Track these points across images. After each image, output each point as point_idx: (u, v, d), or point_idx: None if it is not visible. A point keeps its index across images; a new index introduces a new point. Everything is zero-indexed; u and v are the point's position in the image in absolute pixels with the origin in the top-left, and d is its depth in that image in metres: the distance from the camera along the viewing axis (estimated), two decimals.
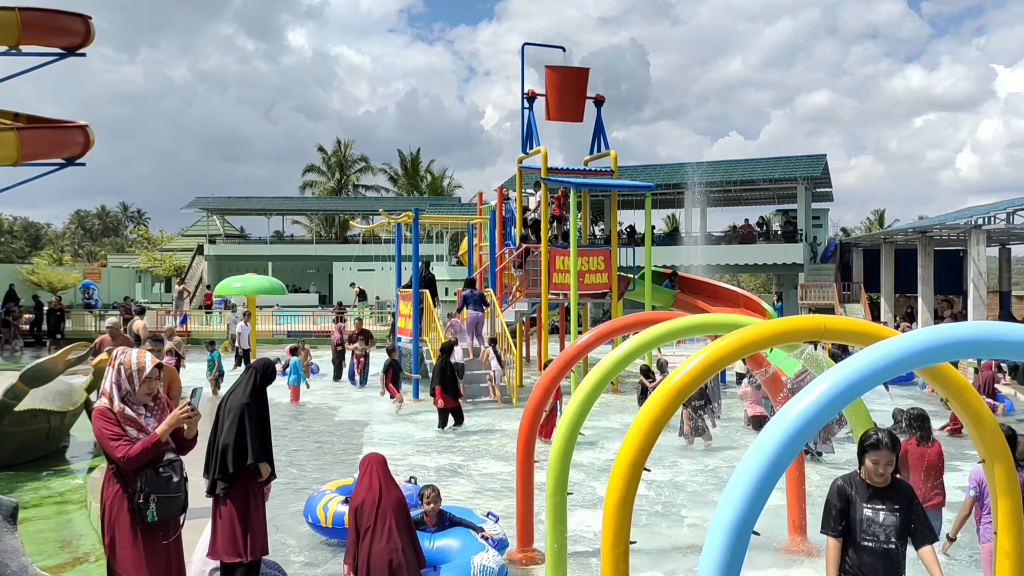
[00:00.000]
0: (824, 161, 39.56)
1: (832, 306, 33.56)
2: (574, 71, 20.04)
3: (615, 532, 4.90)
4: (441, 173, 67.48)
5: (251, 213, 54.82)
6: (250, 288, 25.66)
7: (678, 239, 40.83)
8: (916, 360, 3.81)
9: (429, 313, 18.14)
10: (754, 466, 3.57)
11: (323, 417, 15.66)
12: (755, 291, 48.65)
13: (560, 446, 6.55)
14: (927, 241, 28.79)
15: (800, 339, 5.24)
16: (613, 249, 19.47)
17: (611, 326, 7.88)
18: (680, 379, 5.07)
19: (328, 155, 65.44)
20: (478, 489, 10.24)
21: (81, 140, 27.35)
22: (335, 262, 48.62)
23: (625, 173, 32.65)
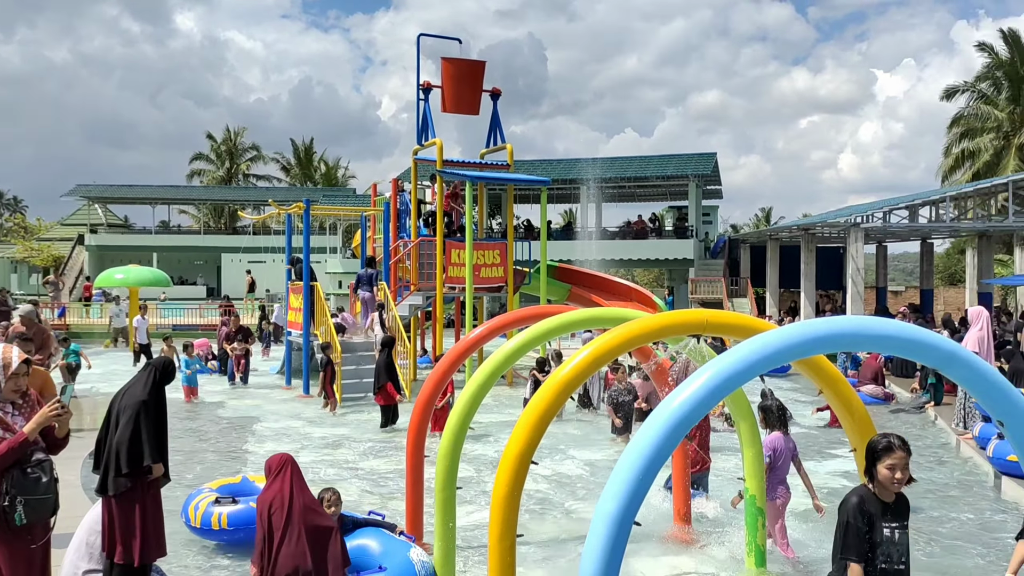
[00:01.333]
0: (714, 159, 40.66)
1: (721, 300, 34.55)
2: (470, 64, 19.97)
3: (502, 525, 4.89)
4: (335, 163, 66.41)
5: (135, 202, 52.71)
6: (132, 280, 24.73)
7: (574, 234, 41.30)
8: (792, 353, 3.91)
9: (320, 306, 17.78)
10: (635, 458, 3.60)
11: (208, 414, 15.18)
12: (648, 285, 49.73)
13: (450, 440, 6.50)
14: (810, 238, 29.92)
15: (684, 332, 5.33)
16: (509, 243, 19.52)
17: (504, 319, 7.88)
18: (567, 373, 5.10)
19: (217, 143, 63.46)
20: (373, 486, 10.11)
21: None
22: (224, 253, 47.20)
23: (522, 167, 32.78)
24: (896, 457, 4.21)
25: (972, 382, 3.96)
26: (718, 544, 7.72)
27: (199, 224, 56.88)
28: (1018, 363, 14.18)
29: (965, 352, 4.04)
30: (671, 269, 43.31)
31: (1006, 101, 41.27)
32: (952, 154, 43.02)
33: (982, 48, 42.19)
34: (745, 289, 36.81)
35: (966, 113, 42.45)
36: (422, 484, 7.61)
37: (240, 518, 7.39)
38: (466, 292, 18.11)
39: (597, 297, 20.84)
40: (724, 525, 8.22)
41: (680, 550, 7.62)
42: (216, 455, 11.70)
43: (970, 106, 42.35)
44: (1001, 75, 41.46)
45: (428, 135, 19.39)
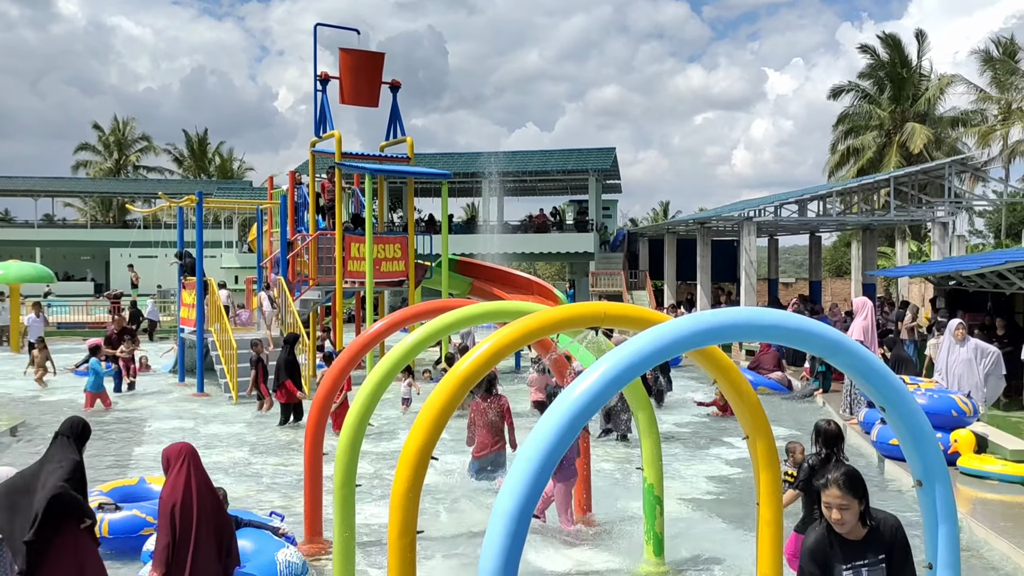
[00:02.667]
0: (613, 154, 41.29)
1: (620, 293, 35.12)
2: (369, 55, 19.71)
3: (402, 522, 4.83)
4: (230, 155, 64.68)
5: (16, 194, 50.17)
6: (12, 276, 23.52)
7: (476, 227, 41.30)
8: (685, 344, 3.97)
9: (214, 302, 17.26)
10: (534, 452, 3.59)
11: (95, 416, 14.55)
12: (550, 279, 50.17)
13: (348, 437, 6.39)
14: (705, 232, 30.69)
15: (583, 325, 5.37)
16: (410, 236, 19.37)
17: (404, 314, 7.80)
18: (467, 367, 5.06)
19: (105, 133, 60.96)
20: (270, 484, 9.87)
21: None
22: (112, 248, 45.42)
23: (423, 160, 32.56)
24: (830, 495, 3.80)
25: (857, 370, 4.10)
26: (617, 535, 7.83)
27: (86, 218, 54.56)
28: (899, 351, 14.87)
29: (848, 341, 4.19)
30: (572, 262, 43.80)
31: (888, 100, 43.24)
32: (838, 151, 44.85)
33: (864, 50, 44.09)
34: (644, 282, 37.51)
35: (851, 112, 44.33)
36: (321, 482, 7.48)
37: (122, 526, 7.12)
38: (366, 286, 17.88)
39: (499, 291, 20.89)
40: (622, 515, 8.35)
41: (579, 542, 7.69)
42: (106, 459, 11.20)
43: (855, 105, 44.24)
44: (883, 76, 43.43)
45: (326, 127, 19.05)
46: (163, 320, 31.35)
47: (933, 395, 10.58)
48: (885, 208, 27.44)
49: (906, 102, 42.58)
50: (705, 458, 11.38)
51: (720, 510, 8.83)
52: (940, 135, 41.70)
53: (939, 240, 25.86)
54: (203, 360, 16.99)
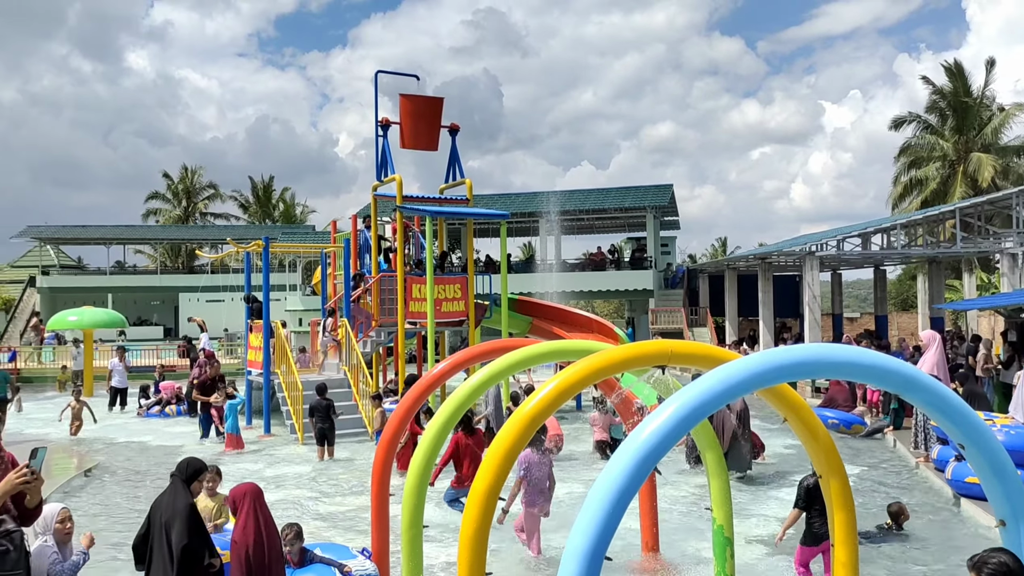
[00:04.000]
0: (671, 191, 41.18)
1: (681, 330, 34.81)
2: (428, 100, 20.07)
3: (471, 562, 4.83)
4: (293, 200, 66.09)
5: (89, 242, 51.92)
6: (87, 322, 24.26)
7: (533, 266, 41.44)
8: (756, 382, 3.94)
9: (281, 345, 17.58)
10: (605, 491, 3.58)
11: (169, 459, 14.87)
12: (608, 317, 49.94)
13: (415, 478, 6.43)
14: (766, 267, 30.32)
15: (649, 363, 5.34)
16: (470, 277, 19.50)
17: (467, 354, 7.83)
18: (533, 407, 5.07)
19: (174, 182, 62.88)
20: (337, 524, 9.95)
21: None
22: (181, 293, 46.60)
23: (480, 201, 32.92)
24: None
25: (934, 406, 4.02)
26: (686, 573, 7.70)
27: (156, 264, 56.15)
28: (972, 386, 14.42)
29: (925, 377, 4.11)
30: (631, 300, 43.58)
31: (951, 131, 42.44)
32: (901, 183, 44.06)
33: (927, 81, 43.45)
34: (704, 318, 37.14)
35: (913, 143, 43.57)
36: (387, 523, 7.52)
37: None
38: (428, 327, 18.03)
39: (559, 329, 20.89)
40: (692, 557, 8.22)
41: None
42: None
43: (917, 136, 43.49)
44: (945, 106, 42.68)
45: (387, 171, 19.39)
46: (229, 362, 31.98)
47: (1010, 431, 10.25)
48: (951, 240, 26.81)
49: (970, 131, 41.75)
50: (774, 498, 11.16)
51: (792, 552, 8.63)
52: (1007, 164, 40.74)
53: (1008, 271, 25.11)
54: (269, 402, 17.26)
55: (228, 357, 34.16)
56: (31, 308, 47.12)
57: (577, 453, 14.36)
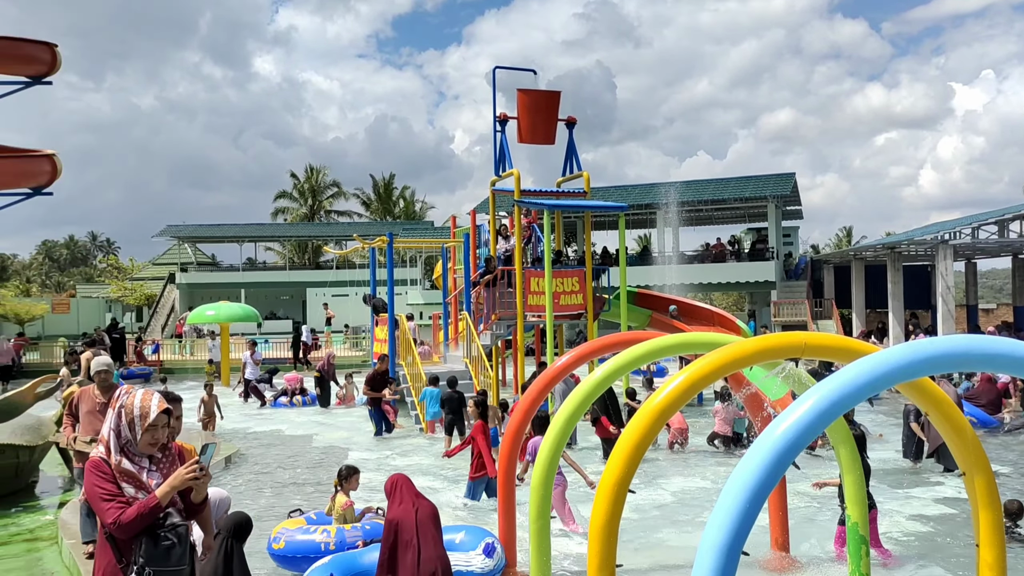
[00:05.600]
0: (793, 180, 40.03)
1: (805, 323, 33.83)
2: (546, 94, 20.14)
3: (601, 555, 4.85)
4: (412, 197, 67.54)
5: (223, 240, 54.42)
6: (223, 316, 25.48)
7: (650, 259, 41.03)
8: (900, 375, 3.82)
9: (405, 338, 18.02)
10: (742, 486, 3.55)
11: (300, 445, 15.47)
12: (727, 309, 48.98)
13: (543, 469, 6.49)
14: (896, 257, 29.14)
15: (781, 356, 5.24)
16: (588, 270, 19.49)
17: (590, 347, 7.86)
18: (662, 399, 5.05)
19: (300, 181, 65.24)
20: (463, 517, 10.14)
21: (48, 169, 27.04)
22: (308, 288, 48.35)
23: (596, 194, 32.80)
24: None
25: None
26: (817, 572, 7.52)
27: (284, 260, 58.37)
28: None
29: None
30: (751, 292, 42.65)
31: None
32: None
33: None
34: (830, 311, 35.98)
35: None
36: (514, 513, 7.62)
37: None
38: (547, 320, 18.12)
39: (679, 322, 20.62)
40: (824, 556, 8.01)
41: None
42: (308, 486, 11.91)
43: None
44: None
45: (505, 166, 19.58)
46: (353, 355, 33.03)
47: None
48: None
49: None
50: (906, 497, 10.74)
51: (927, 551, 8.32)
52: None
53: None
54: None
55: (352, 350, 35.26)
56: (171, 304, 49.75)
57: (698, 447, 14.19)
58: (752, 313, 40.94)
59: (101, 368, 8.09)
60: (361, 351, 34.05)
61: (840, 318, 35.58)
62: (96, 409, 7.93)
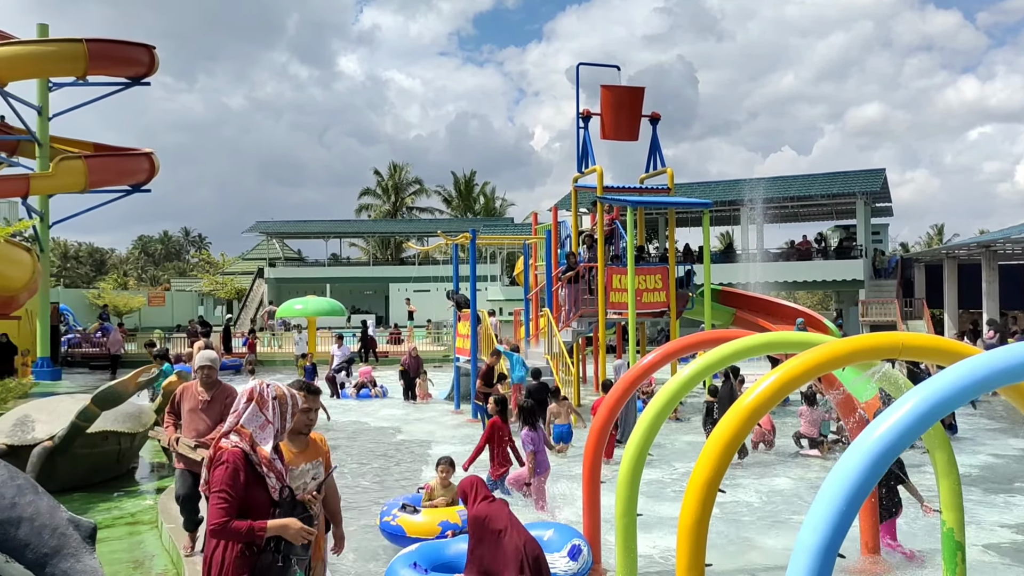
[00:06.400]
0: (883, 175, 38.94)
1: (894, 323, 32.89)
2: (629, 90, 20.02)
3: (690, 554, 4.85)
4: (492, 194, 67.98)
5: (309, 236, 55.71)
6: (311, 310, 26.11)
7: (733, 256, 40.43)
8: (1005, 378, 3.72)
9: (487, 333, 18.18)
10: (839, 488, 3.51)
11: (388, 438, 15.76)
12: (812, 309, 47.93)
13: (629, 467, 6.50)
14: (991, 255, 28.09)
15: (878, 357, 5.14)
16: (671, 267, 19.32)
17: (678, 345, 7.81)
18: (754, 399, 5.01)
19: (384, 179, 66.29)
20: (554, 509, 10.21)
21: (147, 167, 28.33)
22: (391, 283, 49.13)
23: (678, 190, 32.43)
24: None
25: None
26: None
27: (368, 256, 59.42)
28: None
29: None
30: (838, 291, 41.66)
31: None
32: None
33: None
34: (920, 310, 34.89)
35: None
36: (599, 509, 7.64)
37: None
38: (629, 317, 18.05)
39: (764, 321, 20.30)
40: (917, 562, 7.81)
41: None
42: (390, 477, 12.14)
43: None
44: None
45: (588, 162, 19.55)
46: (434, 349, 33.43)
47: None
48: None
49: None
50: (1008, 503, 10.37)
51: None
52: None
53: None
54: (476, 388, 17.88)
55: (434, 344, 35.68)
56: (259, 297, 51.16)
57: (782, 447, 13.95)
58: (839, 312, 39.97)
59: (205, 363, 7.56)
60: (442, 346, 34.46)
61: (931, 318, 34.48)
62: (199, 407, 7.50)
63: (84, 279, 71.69)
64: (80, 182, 25.71)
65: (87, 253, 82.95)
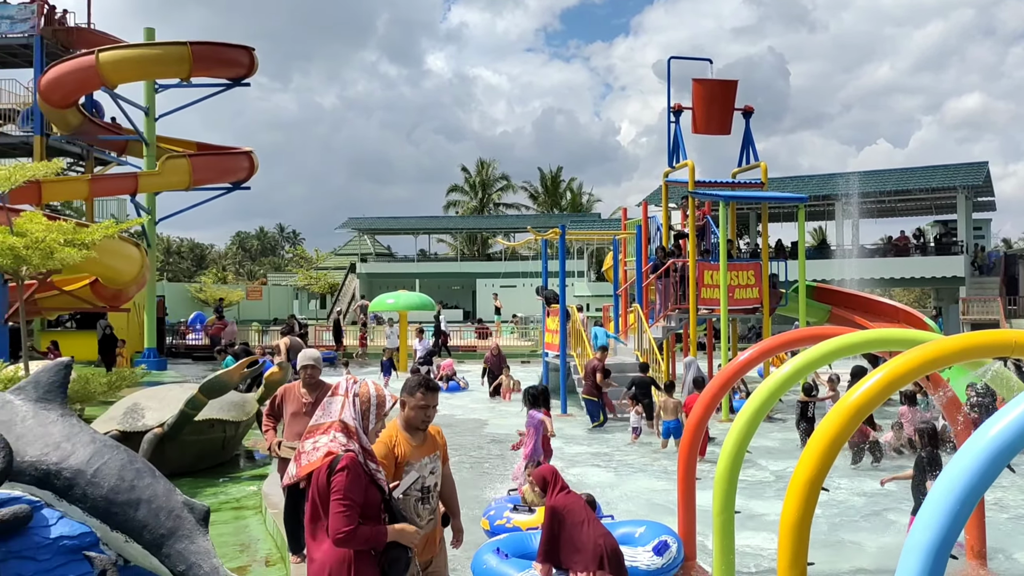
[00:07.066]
0: (986, 169, 37.46)
1: (997, 321, 31.63)
2: (722, 83, 19.75)
3: (792, 552, 4.82)
4: (580, 190, 67.88)
5: (399, 232, 56.63)
6: (402, 304, 26.60)
7: (827, 252, 39.49)
8: None
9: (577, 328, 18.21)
10: (952, 486, 3.46)
11: (473, 431, 15.96)
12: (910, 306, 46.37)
13: (727, 463, 6.47)
14: None
15: (989, 355, 5.01)
16: (764, 263, 18.99)
17: (776, 341, 7.73)
18: (859, 397, 4.95)
19: (471, 175, 66.88)
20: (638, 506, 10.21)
21: (246, 165, 29.29)
22: (478, 279, 49.58)
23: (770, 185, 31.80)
24: None
25: None
26: None
27: (455, 252, 60.09)
28: None
29: None
30: (937, 288, 40.28)
31: None
32: None
33: None
34: None
35: None
36: (694, 505, 7.62)
37: None
38: (721, 314, 17.83)
39: (860, 319, 19.78)
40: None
41: None
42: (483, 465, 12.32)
43: None
44: None
45: (679, 157, 19.39)
46: (521, 344, 33.63)
47: None
48: None
49: None
50: None
51: None
52: None
53: None
54: (565, 383, 17.96)
55: (520, 340, 35.88)
56: (351, 292, 52.29)
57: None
58: (938, 311, 38.64)
59: (308, 362, 7.07)
60: (529, 341, 34.62)
61: None
62: (302, 411, 6.95)
63: (185, 273, 74.41)
64: (185, 180, 26.77)
65: (188, 248, 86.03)
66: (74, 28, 29.34)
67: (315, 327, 36.37)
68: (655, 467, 12.41)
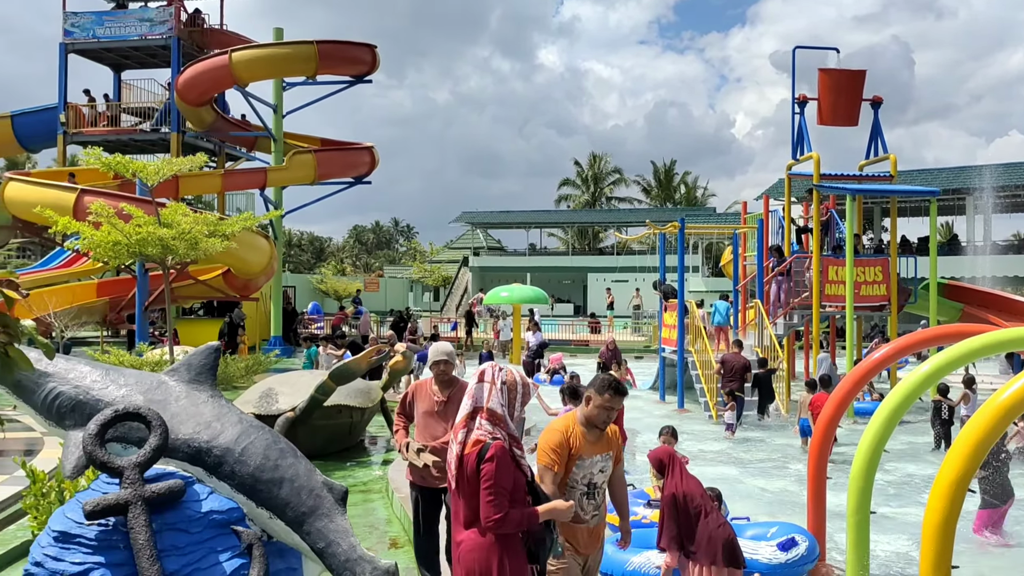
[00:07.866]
0: None
1: None
2: (850, 73, 19.14)
3: (936, 554, 4.69)
4: (694, 183, 66.83)
5: (511, 226, 57.04)
6: (516, 297, 26.85)
7: (957, 248, 37.76)
8: None
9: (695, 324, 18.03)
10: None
11: None
12: None
13: (863, 462, 6.32)
14: None
15: None
16: (892, 259, 18.33)
17: (913, 339, 7.49)
18: (1010, 396, 4.77)
19: (583, 169, 66.75)
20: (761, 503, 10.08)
21: (368, 160, 30.16)
22: (589, 273, 49.48)
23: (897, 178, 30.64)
24: None
25: None
26: None
27: (566, 246, 60.16)
28: None
29: None
30: None
31: None
32: None
33: None
34: None
35: None
36: (824, 503, 7.47)
37: None
38: (846, 311, 17.32)
39: (995, 318, 18.92)
40: None
41: None
42: None
43: None
44: None
45: (804, 149, 18.90)
46: (635, 339, 33.45)
47: None
48: None
49: None
50: None
51: None
52: None
53: None
54: (683, 378, 17.80)
55: (634, 335, 35.68)
56: (464, 285, 53.05)
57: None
58: None
59: (440, 357, 6.41)
60: (642, 336, 34.40)
61: None
62: (435, 410, 6.43)
63: (305, 265, 77.02)
64: (310, 175, 27.79)
65: (308, 241, 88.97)
66: (208, 29, 30.78)
67: (429, 318, 37.02)
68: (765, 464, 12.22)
